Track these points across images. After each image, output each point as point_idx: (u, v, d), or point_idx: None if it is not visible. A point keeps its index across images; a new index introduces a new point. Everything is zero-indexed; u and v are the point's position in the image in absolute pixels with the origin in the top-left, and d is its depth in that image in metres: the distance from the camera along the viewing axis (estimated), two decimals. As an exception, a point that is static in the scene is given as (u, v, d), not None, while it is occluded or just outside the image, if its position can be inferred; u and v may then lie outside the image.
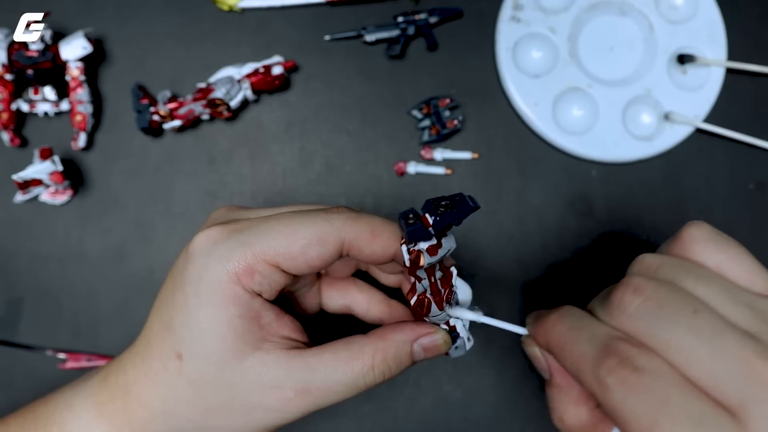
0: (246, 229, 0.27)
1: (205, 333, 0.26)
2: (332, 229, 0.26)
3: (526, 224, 0.43)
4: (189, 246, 0.27)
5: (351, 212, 0.27)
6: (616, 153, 0.44)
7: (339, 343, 0.28)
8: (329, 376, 0.27)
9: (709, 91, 0.45)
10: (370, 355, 0.27)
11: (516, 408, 0.42)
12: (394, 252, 0.28)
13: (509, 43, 0.44)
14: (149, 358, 0.28)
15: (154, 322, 0.28)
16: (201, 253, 0.26)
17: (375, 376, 0.28)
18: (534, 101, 0.44)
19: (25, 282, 0.42)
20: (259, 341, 0.27)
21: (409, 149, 0.44)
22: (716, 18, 0.45)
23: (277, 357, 0.27)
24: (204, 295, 0.26)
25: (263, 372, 0.26)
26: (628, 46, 0.45)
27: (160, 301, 0.28)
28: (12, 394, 0.41)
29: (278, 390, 0.26)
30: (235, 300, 0.26)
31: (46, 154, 0.41)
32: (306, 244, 0.26)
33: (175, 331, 0.27)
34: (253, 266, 0.26)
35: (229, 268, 0.26)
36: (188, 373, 0.27)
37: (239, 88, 0.42)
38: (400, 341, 0.28)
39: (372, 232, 0.27)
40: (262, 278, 0.26)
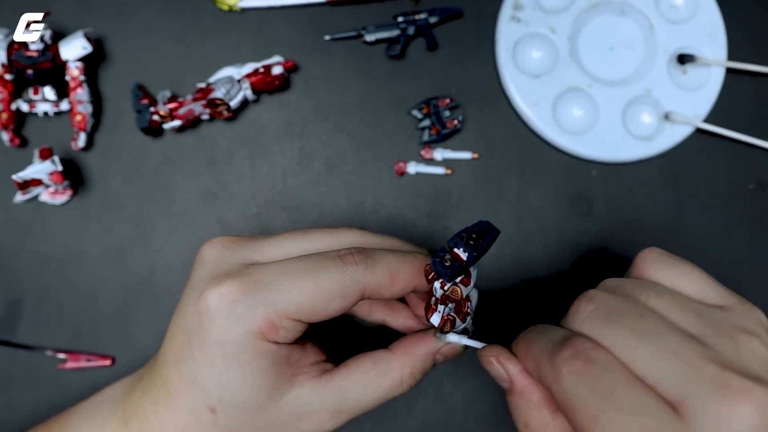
0: (264, 285, 0.26)
1: (238, 387, 0.26)
2: (352, 280, 0.26)
3: (526, 224, 0.43)
4: (200, 303, 0.26)
5: (367, 258, 0.27)
6: (616, 153, 0.44)
7: (365, 361, 0.29)
8: (361, 396, 0.28)
9: (709, 90, 0.45)
10: (398, 371, 0.29)
11: (516, 408, 0.41)
12: (413, 288, 0.28)
13: (509, 43, 0.44)
14: (176, 411, 0.27)
15: (173, 374, 0.28)
16: (220, 315, 0.26)
17: (403, 389, 0.29)
18: (534, 101, 0.44)
19: (24, 282, 0.42)
20: (292, 377, 0.27)
21: (409, 149, 0.44)
22: (716, 18, 0.45)
23: (311, 388, 0.28)
24: (231, 356, 0.26)
25: (300, 405, 0.27)
26: (628, 46, 0.45)
27: (176, 354, 0.28)
28: (12, 394, 0.41)
29: (314, 416, 0.28)
30: (264, 354, 0.26)
31: (45, 154, 0.41)
32: (328, 300, 0.26)
33: (203, 388, 0.27)
34: (276, 323, 0.26)
35: (252, 327, 0.26)
36: (224, 423, 0.27)
37: (239, 88, 0.42)
38: (426, 355, 0.29)
39: (391, 277, 0.27)
40: (285, 332, 0.26)
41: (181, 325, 0.28)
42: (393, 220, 0.43)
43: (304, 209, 0.43)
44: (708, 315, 0.23)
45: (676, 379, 0.20)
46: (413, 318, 0.33)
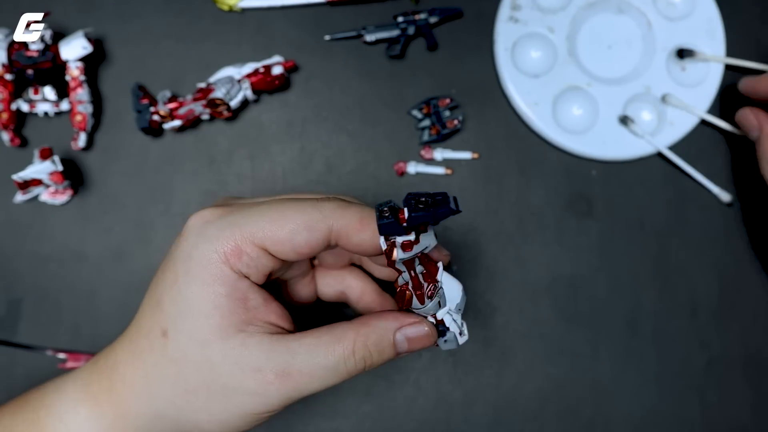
0: (237, 211, 0.27)
1: (191, 310, 0.26)
2: (321, 216, 0.27)
3: (526, 224, 0.43)
4: (183, 227, 0.28)
5: (341, 201, 0.28)
6: (617, 151, 0.44)
7: (322, 328, 0.28)
8: (310, 360, 0.27)
9: (708, 87, 0.45)
10: (351, 339, 0.27)
11: (516, 408, 0.42)
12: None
13: (508, 44, 0.44)
14: (137, 337, 0.28)
15: (145, 303, 0.29)
16: (192, 233, 0.27)
17: (356, 361, 0.27)
18: (534, 101, 0.44)
19: (25, 282, 0.42)
20: (243, 323, 0.27)
21: (409, 149, 0.44)
22: (714, 14, 0.45)
23: (259, 340, 0.27)
24: (192, 273, 0.26)
25: (245, 354, 0.27)
26: (627, 43, 0.45)
27: (153, 282, 0.29)
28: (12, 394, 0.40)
29: (258, 373, 0.26)
30: (222, 279, 0.26)
31: (46, 154, 0.41)
32: (293, 229, 0.26)
33: (163, 309, 0.27)
34: (241, 247, 0.26)
35: (217, 247, 0.26)
36: (172, 351, 0.27)
37: (239, 88, 0.42)
38: (383, 328, 0.28)
39: (360, 220, 0.27)
40: (249, 260, 0.27)
41: (166, 253, 0.29)
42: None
43: (304, 209, 0.43)
44: None
45: None
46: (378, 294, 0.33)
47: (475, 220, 0.43)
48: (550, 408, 0.42)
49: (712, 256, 0.44)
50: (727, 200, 0.43)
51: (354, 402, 0.41)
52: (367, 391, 0.42)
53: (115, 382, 0.28)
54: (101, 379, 0.29)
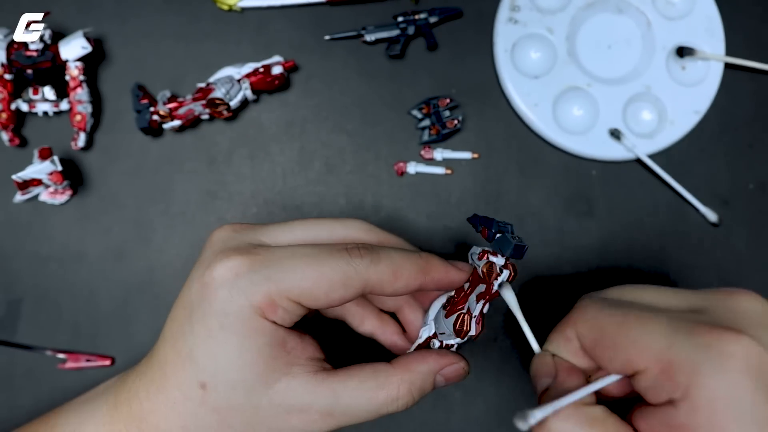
0: (270, 264, 0.27)
1: (233, 363, 0.26)
2: (356, 272, 0.27)
3: (526, 224, 0.43)
4: (206, 275, 0.27)
5: (373, 254, 0.27)
6: (617, 152, 0.44)
7: (366, 370, 0.28)
8: (354, 404, 0.28)
9: (708, 86, 0.45)
10: (395, 386, 0.28)
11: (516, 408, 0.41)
12: (416, 287, 0.28)
13: (507, 45, 0.44)
14: (167, 387, 0.27)
15: (168, 352, 0.28)
16: (223, 286, 0.26)
17: (398, 406, 0.29)
18: (534, 102, 0.44)
19: (24, 282, 0.42)
20: (286, 366, 0.27)
21: (409, 149, 0.44)
22: (714, 13, 0.45)
23: (304, 382, 0.27)
24: (230, 327, 0.26)
25: (290, 397, 0.27)
26: (626, 43, 0.45)
27: (175, 331, 0.28)
28: (12, 394, 0.41)
29: (304, 413, 0.27)
30: (261, 330, 0.26)
31: (45, 154, 0.41)
32: (330, 287, 0.26)
33: (197, 362, 0.27)
34: (276, 302, 0.26)
35: (253, 302, 0.26)
36: (213, 401, 0.27)
37: (239, 88, 0.42)
38: (426, 373, 0.29)
39: (394, 274, 0.27)
40: (284, 313, 0.27)
41: (184, 301, 0.28)
42: (393, 220, 0.43)
43: (303, 209, 0.43)
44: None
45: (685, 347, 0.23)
46: (400, 335, 0.34)
47: (475, 220, 0.43)
48: (550, 408, 0.41)
49: (713, 256, 0.44)
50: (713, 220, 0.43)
51: (354, 402, 0.41)
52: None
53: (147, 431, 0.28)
54: (129, 429, 0.28)
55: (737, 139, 0.45)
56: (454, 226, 0.43)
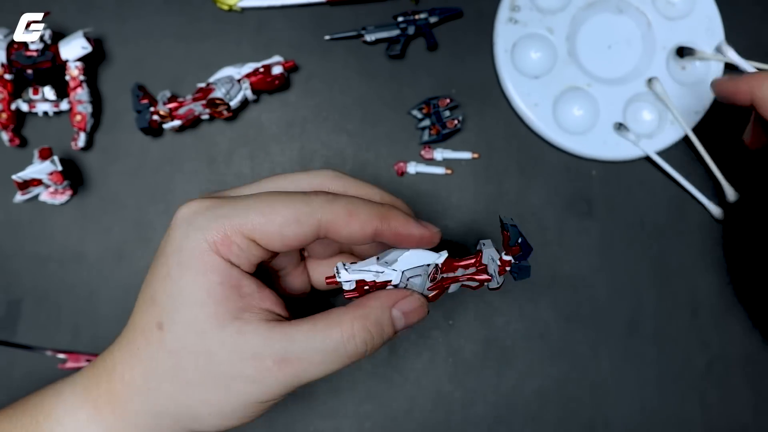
0: (226, 204, 0.28)
1: (185, 300, 0.27)
2: (309, 209, 0.27)
3: (526, 224, 0.43)
4: (172, 219, 0.28)
5: (329, 194, 0.28)
6: (618, 152, 0.44)
7: (318, 314, 0.28)
8: (308, 345, 0.27)
9: (708, 86, 0.45)
10: (349, 323, 0.28)
11: (516, 408, 0.42)
12: (372, 232, 0.28)
13: (507, 45, 0.44)
14: (133, 335, 0.28)
15: (139, 300, 0.29)
16: (182, 224, 0.28)
17: (357, 344, 0.28)
18: (534, 102, 0.44)
19: (24, 282, 0.42)
20: (239, 310, 0.27)
21: (409, 149, 0.44)
22: (714, 13, 0.45)
23: (256, 327, 0.27)
24: (184, 263, 0.27)
25: (242, 341, 0.27)
26: (627, 43, 0.45)
27: (147, 278, 0.29)
28: (12, 395, 0.41)
29: (257, 360, 0.27)
30: (214, 267, 0.27)
31: (45, 154, 0.41)
32: (283, 222, 0.27)
33: (157, 302, 0.27)
34: (230, 237, 0.27)
35: (207, 237, 0.27)
36: (169, 343, 0.27)
37: (239, 88, 0.42)
38: (379, 307, 0.28)
39: (349, 213, 0.27)
40: (239, 250, 0.27)
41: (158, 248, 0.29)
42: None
43: (304, 209, 0.43)
44: None
45: None
46: None
47: (475, 220, 0.43)
48: (550, 408, 0.41)
49: (713, 256, 0.44)
50: (717, 215, 0.43)
51: (354, 402, 0.41)
52: (367, 391, 0.42)
53: (114, 383, 0.28)
54: (100, 382, 0.29)
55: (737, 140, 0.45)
56: (454, 226, 0.43)
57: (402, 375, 0.42)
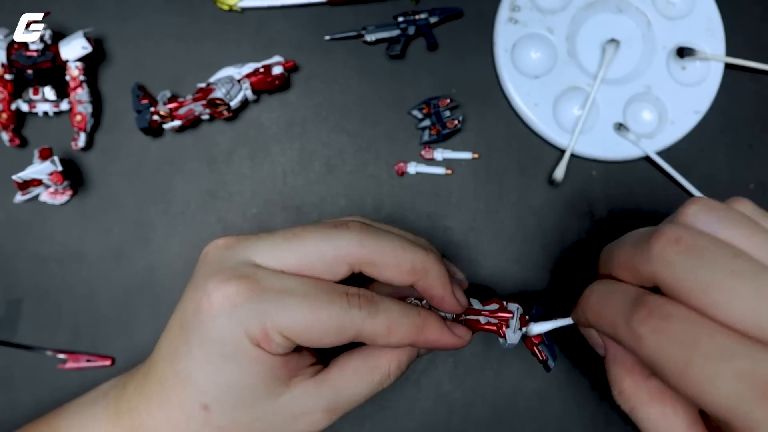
0: (267, 297, 0.26)
1: (234, 387, 0.27)
2: (351, 323, 0.27)
3: (526, 224, 0.43)
4: (204, 299, 0.26)
5: (371, 305, 0.27)
6: (618, 151, 0.44)
7: (356, 358, 0.29)
8: (354, 393, 0.29)
9: (709, 86, 0.45)
10: (386, 365, 0.29)
11: (516, 408, 0.42)
12: (409, 343, 0.29)
13: (507, 45, 0.44)
14: (168, 408, 0.28)
15: (167, 370, 0.28)
16: (221, 315, 0.26)
17: (391, 381, 0.30)
18: (534, 102, 0.44)
19: (24, 282, 0.42)
20: (288, 380, 0.28)
21: (409, 149, 0.44)
22: (714, 13, 0.45)
23: (306, 389, 0.28)
24: (229, 356, 0.26)
25: (296, 405, 0.28)
26: (627, 43, 0.45)
27: (173, 350, 0.28)
28: (12, 395, 0.41)
29: (308, 416, 0.28)
30: (260, 359, 0.27)
31: (45, 154, 0.41)
32: (324, 333, 0.27)
33: (197, 385, 0.27)
34: (270, 336, 0.26)
35: (249, 334, 0.26)
36: (217, 421, 0.27)
37: (239, 88, 0.42)
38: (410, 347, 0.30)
39: (389, 329, 0.28)
40: (277, 346, 0.27)
41: (180, 321, 0.28)
42: (393, 220, 0.43)
43: (304, 209, 0.43)
44: None
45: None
46: None
47: (475, 220, 0.43)
48: (550, 408, 0.41)
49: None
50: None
51: (354, 402, 0.41)
52: (367, 392, 0.41)
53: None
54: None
55: (737, 140, 0.45)
56: (454, 226, 0.43)
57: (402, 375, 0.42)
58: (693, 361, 0.20)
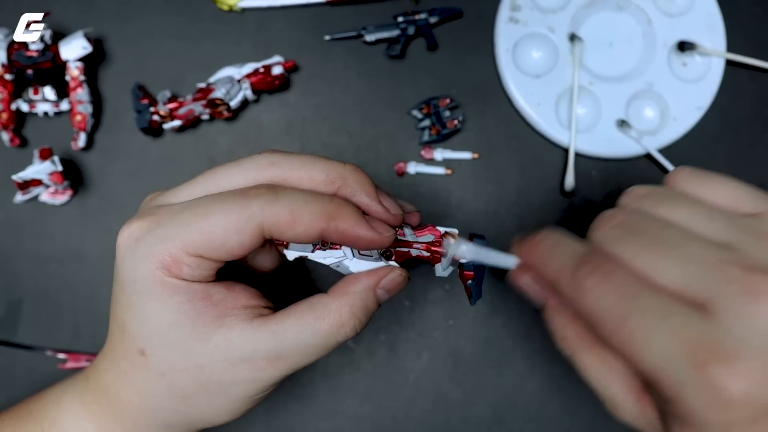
0: (163, 222, 0.26)
1: (158, 326, 0.26)
2: (248, 215, 0.25)
3: (526, 224, 0.43)
4: (116, 246, 0.27)
5: (269, 193, 0.26)
6: (620, 149, 0.44)
7: (302, 305, 0.27)
8: (298, 341, 0.27)
9: (709, 82, 0.45)
10: (336, 312, 0.27)
11: (516, 408, 0.42)
12: (318, 234, 0.26)
13: (509, 45, 0.44)
14: (116, 359, 0.28)
15: (111, 324, 0.28)
16: (126, 253, 0.26)
17: (347, 331, 0.27)
18: (536, 101, 0.44)
19: (24, 282, 0.42)
20: (217, 318, 0.26)
21: (409, 149, 0.44)
22: (714, 10, 0.45)
23: (241, 331, 0.26)
24: (143, 292, 0.26)
25: (230, 348, 0.26)
26: (627, 41, 0.45)
27: (112, 303, 0.28)
28: (12, 394, 0.41)
29: (249, 363, 0.26)
30: (174, 289, 0.26)
31: (45, 155, 0.41)
32: (223, 235, 0.25)
33: (129, 330, 0.27)
34: (178, 259, 0.25)
35: (156, 264, 0.25)
36: (155, 366, 0.27)
37: (239, 88, 0.42)
38: (363, 290, 0.28)
39: (292, 214, 0.25)
40: (190, 269, 0.26)
41: (113, 283, 0.28)
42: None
43: (304, 209, 0.43)
44: (738, 222, 0.23)
45: (701, 282, 0.20)
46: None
47: (475, 220, 0.43)
48: (550, 408, 0.41)
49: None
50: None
51: (354, 402, 0.41)
52: (367, 391, 0.42)
53: (113, 403, 0.28)
54: (98, 400, 0.29)
55: (737, 140, 0.45)
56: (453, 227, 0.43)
57: (402, 375, 0.42)
58: (630, 315, 0.21)
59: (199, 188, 0.28)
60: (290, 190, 0.26)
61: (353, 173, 0.28)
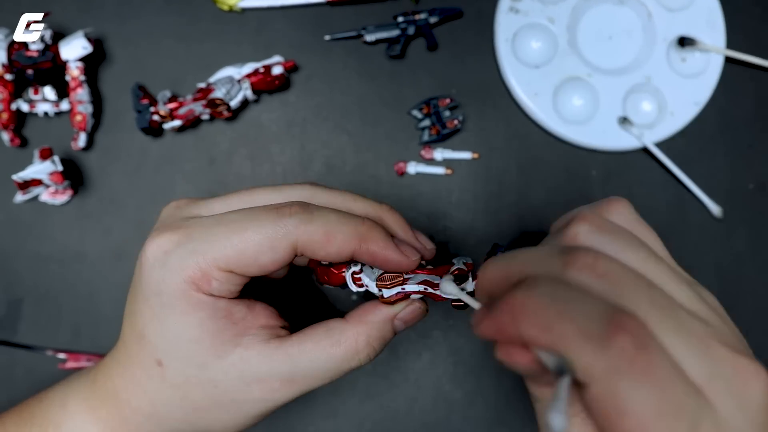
0: (195, 236, 0.26)
1: (179, 339, 0.26)
2: (283, 233, 0.25)
3: (526, 224, 0.43)
4: (142, 255, 0.27)
5: (304, 212, 0.26)
6: (617, 142, 0.44)
7: (319, 329, 0.28)
8: (312, 365, 0.27)
9: (708, 78, 0.45)
10: (352, 340, 0.27)
11: (516, 408, 0.42)
12: (350, 254, 0.27)
13: (508, 35, 0.44)
14: (130, 366, 0.28)
15: (127, 331, 0.28)
16: (155, 265, 0.26)
17: (361, 359, 0.28)
18: (534, 92, 0.44)
19: (25, 282, 0.42)
20: (236, 337, 0.27)
21: (409, 149, 0.44)
22: (714, 6, 0.45)
23: (258, 351, 0.27)
24: (168, 305, 0.26)
25: (246, 368, 0.27)
26: (627, 34, 0.46)
27: (130, 311, 0.28)
28: (12, 394, 0.41)
29: (263, 383, 0.27)
30: (199, 304, 0.26)
31: (46, 154, 0.41)
32: (257, 251, 0.25)
33: (149, 341, 0.27)
34: (208, 274, 0.26)
35: (184, 278, 0.26)
36: (171, 377, 0.27)
37: (239, 88, 0.42)
38: (381, 322, 0.28)
39: (326, 235, 0.26)
40: (219, 284, 0.26)
41: (133, 280, 0.28)
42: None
43: (304, 209, 0.43)
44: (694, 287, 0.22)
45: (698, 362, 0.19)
46: None
47: (475, 220, 0.43)
48: (550, 408, 0.41)
49: (713, 255, 0.43)
50: (716, 213, 0.43)
51: (354, 402, 0.41)
52: (367, 391, 0.42)
53: (121, 408, 0.28)
54: (106, 404, 0.29)
55: (737, 140, 0.45)
56: (454, 227, 0.43)
57: (402, 375, 0.42)
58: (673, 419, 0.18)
59: (235, 205, 0.28)
60: (324, 209, 0.27)
61: (389, 213, 0.29)
